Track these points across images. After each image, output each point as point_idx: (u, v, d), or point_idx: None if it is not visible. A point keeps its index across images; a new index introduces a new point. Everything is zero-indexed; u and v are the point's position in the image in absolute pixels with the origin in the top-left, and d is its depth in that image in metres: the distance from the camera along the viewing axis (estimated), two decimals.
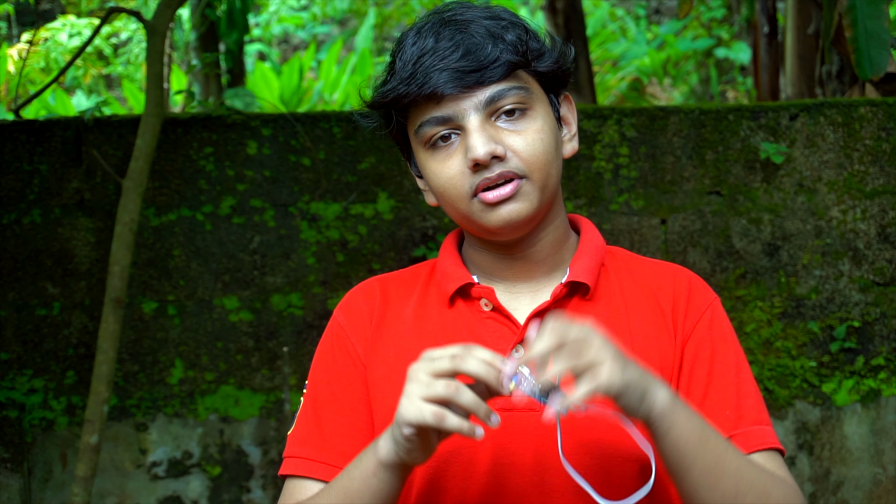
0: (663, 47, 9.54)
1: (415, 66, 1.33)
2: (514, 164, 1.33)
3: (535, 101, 1.37)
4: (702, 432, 1.25)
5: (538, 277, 1.43)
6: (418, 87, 1.32)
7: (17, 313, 3.23)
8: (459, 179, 1.34)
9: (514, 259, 1.43)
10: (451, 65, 1.31)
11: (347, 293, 1.52)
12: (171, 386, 3.27)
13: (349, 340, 1.44)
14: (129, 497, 3.28)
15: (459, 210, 1.37)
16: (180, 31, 7.75)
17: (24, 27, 8.94)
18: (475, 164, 1.32)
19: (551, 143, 1.37)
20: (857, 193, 3.32)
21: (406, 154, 1.45)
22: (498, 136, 1.33)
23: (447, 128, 1.34)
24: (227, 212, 3.27)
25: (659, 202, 3.32)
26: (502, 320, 1.40)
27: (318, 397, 1.43)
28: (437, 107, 1.33)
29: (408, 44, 1.36)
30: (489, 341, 1.38)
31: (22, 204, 3.23)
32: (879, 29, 3.59)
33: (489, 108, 1.33)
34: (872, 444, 3.36)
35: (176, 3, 3.16)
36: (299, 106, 8.46)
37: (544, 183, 1.36)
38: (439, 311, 1.43)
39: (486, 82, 1.32)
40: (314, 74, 9.99)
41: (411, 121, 1.37)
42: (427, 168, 1.38)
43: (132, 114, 3.97)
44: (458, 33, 1.34)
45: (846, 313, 3.33)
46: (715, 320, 1.44)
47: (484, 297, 1.41)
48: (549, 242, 1.43)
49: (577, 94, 5.77)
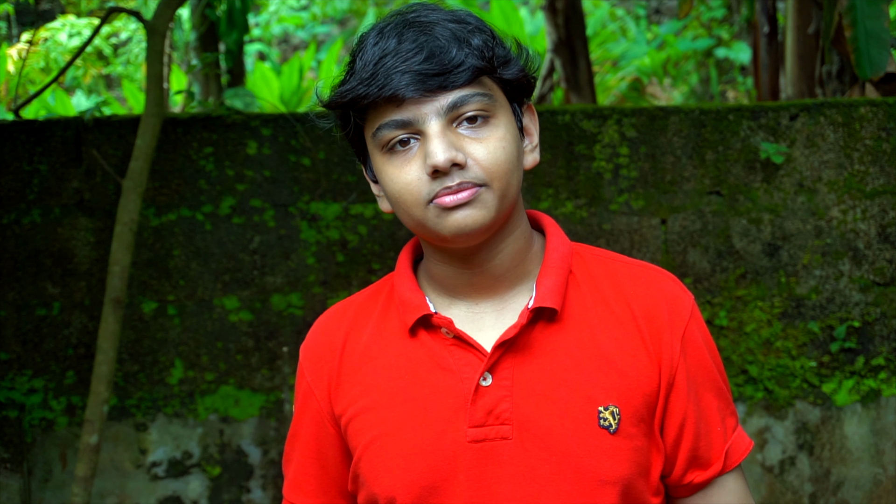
0: (663, 47, 9.54)
1: (376, 66, 1.29)
2: (474, 173, 1.29)
3: (499, 109, 1.32)
4: None
5: (501, 293, 1.39)
6: (378, 89, 1.28)
7: (17, 313, 3.23)
8: (417, 186, 1.29)
9: (474, 273, 1.38)
10: (414, 67, 1.27)
11: (311, 329, 1.50)
12: (171, 386, 3.27)
13: (314, 398, 1.45)
14: (129, 497, 3.28)
15: (414, 217, 1.32)
16: (180, 31, 7.75)
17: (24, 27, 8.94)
18: (434, 171, 1.27)
19: (513, 152, 1.32)
20: (857, 193, 3.32)
21: (361, 157, 1.41)
22: (459, 143, 1.29)
23: (406, 132, 1.30)
24: (227, 212, 3.27)
25: (659, 202, 3.31)
26: (467, 348, 1.36)
27: (295, 456, 1.50)
28: (396, 110, 1.29)
29: (369, 43, 1.32)
30: (455, 370, 1.35)
31: (22, 204, 3.23)
32: (879, 29, 3.58)
33: (451, 114, 1.29)
34: (872, 445, 3.36)
35: (176, 3, 3.16)
36: (299, 106, 8.46)
37: (504, 193, 1.31)
38: (401, 341, 1.40)
39: (450, 87, 1.28)
40: (314, 74, 9.99)
41: (369, 123, 1.33)
42: (383, 173, 1.33)
43: (132, 114, 3.97)
44: (421, 35, 1.29)
45: (846, 313, 3.33)
46: (696, 330, 1.40)
47: (444, 327, 1.37)
48: (510, 255, 1.38)
49: (577, 93, 5.78)
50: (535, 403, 1.33)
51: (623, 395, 1.34)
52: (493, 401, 1.33)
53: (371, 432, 1.37)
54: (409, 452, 1.35)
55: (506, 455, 1.32)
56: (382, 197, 1.40)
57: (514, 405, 1.33)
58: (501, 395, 1.33)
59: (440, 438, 1.34)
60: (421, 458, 1.34)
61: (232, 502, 3.31)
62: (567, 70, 5.80)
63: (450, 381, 1.35)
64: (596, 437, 1.32)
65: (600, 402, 1.33)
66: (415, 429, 1.35)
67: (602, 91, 9.10)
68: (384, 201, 1.40)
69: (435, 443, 1.34)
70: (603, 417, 1.33)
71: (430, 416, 1.35)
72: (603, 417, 1.33)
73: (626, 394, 1.34)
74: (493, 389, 1.34)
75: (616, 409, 1.33)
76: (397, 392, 1.37)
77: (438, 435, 1.34)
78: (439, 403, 1.35)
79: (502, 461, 1.32)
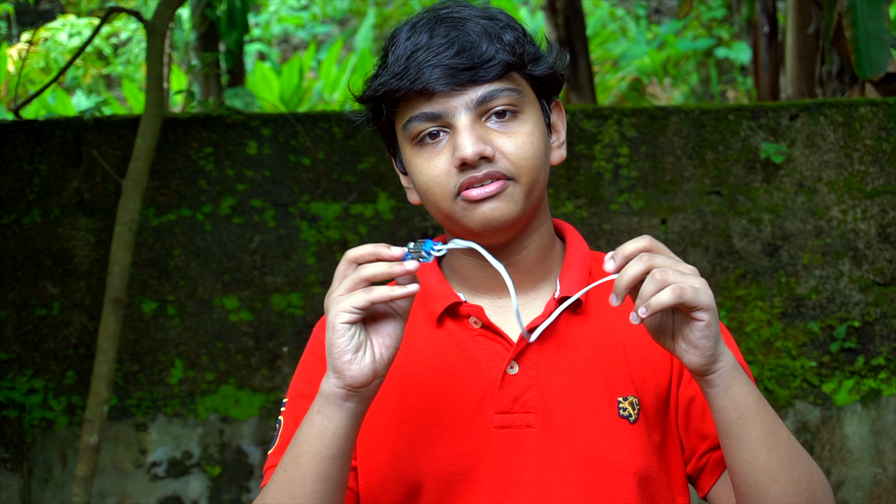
0: (663, 47, 9.54)
1: (407, 61, 1.30)
2: (502, 166, 1.30)
3: (527, 105, 1.34)
4: (758, 395, 1.25)
5: (525, 289, 1.40)
6: (410, 83, 1.30)
7: (17, 313, 3.23)
8: (445, 178, 1.31)
9: None
10: (445, 61, 1.29)
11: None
12: (171, 386, 3.27)
13: None
14: (129, 497, 3.28)
15: (442, 209, 1.34)
16: (180, 31, 7.75)
17: (24, 27, 8.94)
18: (462, 164, 1.29)
19: (541, 147, 1.34)
20: (857, 193, 3.32)
21: (391, 150, 1.43)
22: (487, 137, 1.31)
23: (436, 125, 1.32)
24: (227, 212, 3.27)
25: (659, 202, 3.31)
26: (494, 337, 1.37)
27: (297, 411, 1.39)
28: (427, 103, 1.31)
29: (401, 38, 1.33)
30: (482, 358, 1.37)
31: (22, 204, 3.23)
32: (879, 29, 3.58)
33: (480, 108, 1.31)
34: (872, 444, 3.36)
35: (176, 3, 3.16)
36: (299, 106, 8.46)
37: (531, 187, 1.33)
38: (427, 331, 1.41)
39: (479, 81, 1.30)
40: (314, 74, 9.99)
41: (400, 116, 1.35)
42: (413, 165, 1.35)
43: (132, 114, 3.97)
44: (453, 30, 1.31)
45: (846, 313, 3.33)
46: None
47: (473, 316, 1.38)
48: (535, 250, 1.40)
49: (577, 93, 5.77)
50: (558, 392, 1.35)
51: (641, 387, 1.37)
52: (519, 389, 1.35)
53: (397, 416, 1.37)
54: (437, 438, 1.35)
55: (530, 443, 1.34)
56: (411, 189, 1.42)
57: (540, 394, 1.35)
58: (527, 384, 1.35)
59: (468, 424, 1.35)
60: (450, 444, 1.35)
61: (232, 502, 3.31)
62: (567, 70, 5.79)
63: (477, 369, 1.36)
64: (616, 426, 1.34)
65: (620, 393, 1.36)
66: (442, 415, 1.36)
67: (602, 91, 9.10)
68: (413, 193, 1.42)
69: (463, 429, 1.35)
70: (622, 407, 1.35)
71: (458, 403, 1.36)
72: (622, 407, 1.35)
73: (643, 385, 1.37)
74: (519, 378, 1.35)
75: (635, 400, 1.36)
76: (424, 379, 1.38)
77: (466, 421, 1.35)
78: (466, 391, 1.36)
79: (526, 449, 1.34)
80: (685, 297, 1.15)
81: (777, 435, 1.25)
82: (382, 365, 1.22)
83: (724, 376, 1.21)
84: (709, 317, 1.18)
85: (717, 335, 1.20)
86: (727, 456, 1.27)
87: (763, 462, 1.24)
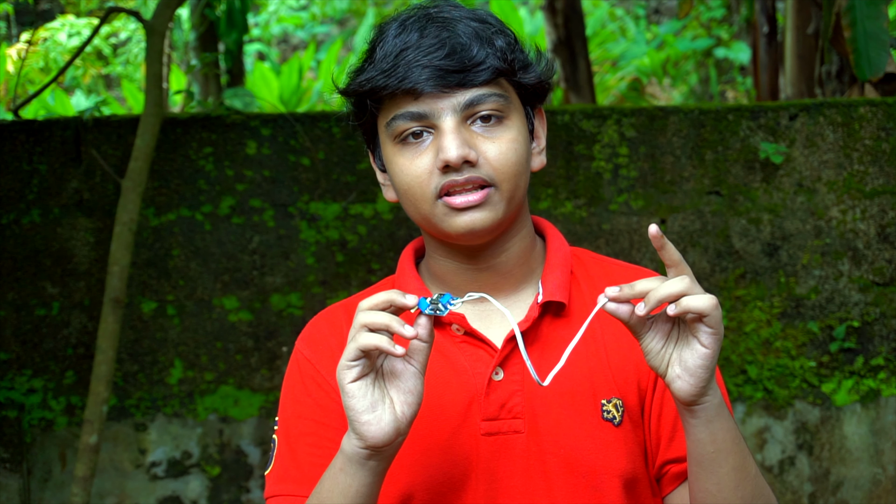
0: (663, 47, 9.55)
1: (396, 59, 1.30)
2: (484, 172, 1.30)
3: (512, 111, 1.34)
4: (736, 432, 1.25)
5: (507, 291, 1.40)
6: (398, 81, 1.29)
7: (17, 313, 3.23)
8: (426, 178, 1.31)
9: (480, 271, 1.39)
10: (434, 62, 1.28)
11: (308, 324, 1.48)
12: (171, 386, 3.27)
13: (316, 371, 1.40)
14: (129, 497, 3.28)
15: (421, 210, 1.34)
16: (180, 31, 7.75)
17: (24, 27, 8.94)
18: (445, 166, 1.29)
19: (523, 154, 1.34)
20: (856, 193, 3.32)
21: (370, 145, 1.42)
22: (472, 141, 1.30)
23: (421, 125, 1.31)
24: (226, 212, 3.27)
25: (658, 202, 3.31)
26: (477, 344, 1.37)
27: (291, 433, 1.39)
28: (413, 102, 1.30)
29: (390, 35, 1.32)
30: (467, 366, 1.36)
31: (21, 204, 3.23)
32: (878, 29, 3.58)
33: (466, 111, 1.30)
34: (872, 444, 3.36)
35: (175, 3, 3.16)
36: (299, 106, 8.45)
37: (512, 194, 1.33)
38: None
39: (468, 85, 1.29)
40: (314, 74, 9.99)
41: (384, 112, 1.34)
42: (393, 163, 1.35)
43: (131, 114, 3.97)
44: (444, 31, 1.31)
45: (846, 313, 3.33)
46: None
47: (455, 323, 1.38)
48: (516, 254, 1.40)
49: (576, 93, 5.78)
50: (543, 397, 1.35)
51: (623, 389, 1.37)
52: (505, 395, 1.35)
53: None
54: (426, 448, 1.35)
55: (518, 448, 1.34)
56: (388, 186, 1.41)
57: (526, 399, 1.35)
58: (513, 390, 1.35)
59: (456, 433, 1.35)
60: (439, 454, 1.34)
61: (231, 502, 3.31)
62: (566, 70, 5.80)
63: (462, 377, 1.36)
64: (601, 430, 1.34)
65: (603, 395, 1.36)
66: (430, 425, 1.35)
67: (601, 91, 9.10)
68: (389, 190, 1.41)
69: (451, 438, 1.34)
70: (606, 410, 1.35)
71: (446, 412, 1.35)
72: (606, 410, 1.35)
73: (625, 388, 1.37)
74: (504, 384, 1.35)
75: (619, 402, 1.36)
76: None
77: (454, 430, 1.35)
78: (453, 399, 1.35)
79: (514, 455, 1.34)
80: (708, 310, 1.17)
81: (746, 472, 1.25)
82: (405, 423, 1.21)
83: (708, 410, 1.21)
84: (715, 345, 1.18)
85: (714, 369, 1.20)
86: (693, 482, 1.27)
87: (728, 497, 1.25)
